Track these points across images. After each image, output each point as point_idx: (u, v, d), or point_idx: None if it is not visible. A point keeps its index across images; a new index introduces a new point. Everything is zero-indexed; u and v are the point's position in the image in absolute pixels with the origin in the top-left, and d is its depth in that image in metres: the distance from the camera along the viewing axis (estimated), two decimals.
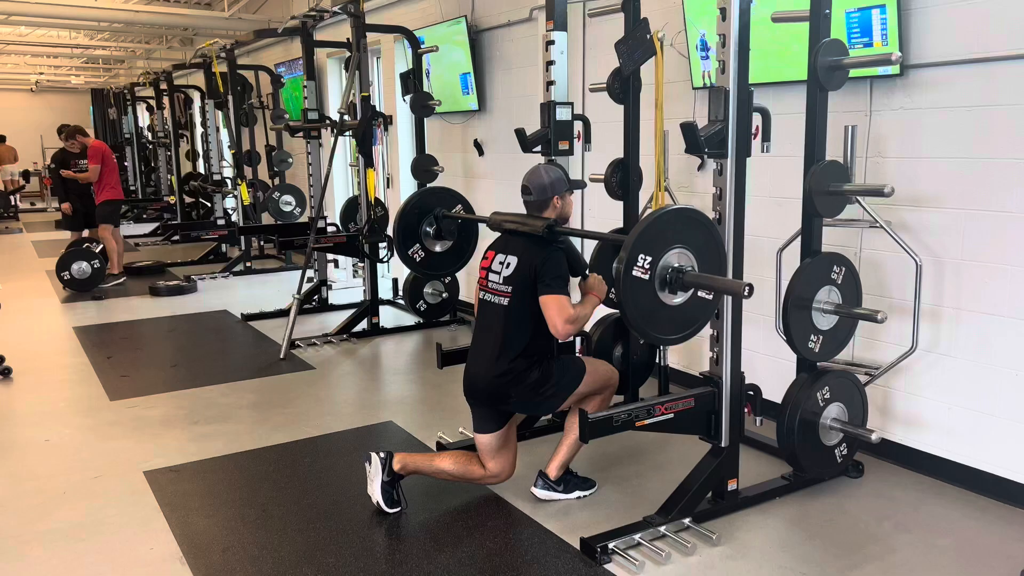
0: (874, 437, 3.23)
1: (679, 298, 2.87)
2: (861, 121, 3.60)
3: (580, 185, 3.48)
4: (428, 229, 4.14)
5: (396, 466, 3.21)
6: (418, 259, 4.35)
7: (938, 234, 3.41)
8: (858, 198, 3.31)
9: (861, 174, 3.62)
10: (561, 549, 2.95)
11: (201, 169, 12.34)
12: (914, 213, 3.48)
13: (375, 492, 3.20)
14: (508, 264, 3.17)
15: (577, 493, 3.36)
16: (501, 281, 3.17)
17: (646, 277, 2.76)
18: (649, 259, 2.75)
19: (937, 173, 3.40)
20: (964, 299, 3.35)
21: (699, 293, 2.91)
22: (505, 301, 3.15)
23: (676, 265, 2.82)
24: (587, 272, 3.34)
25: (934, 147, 3.40)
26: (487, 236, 3.57)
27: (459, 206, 4.74)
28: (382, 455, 3.21)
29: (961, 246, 3.34)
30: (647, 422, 2.96)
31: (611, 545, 2.89)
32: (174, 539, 3.06)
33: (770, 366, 3.99)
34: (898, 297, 3.56)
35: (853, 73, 3.32)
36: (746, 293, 2.69)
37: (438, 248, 4.21)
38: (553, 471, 3.34)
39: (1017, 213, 3.13)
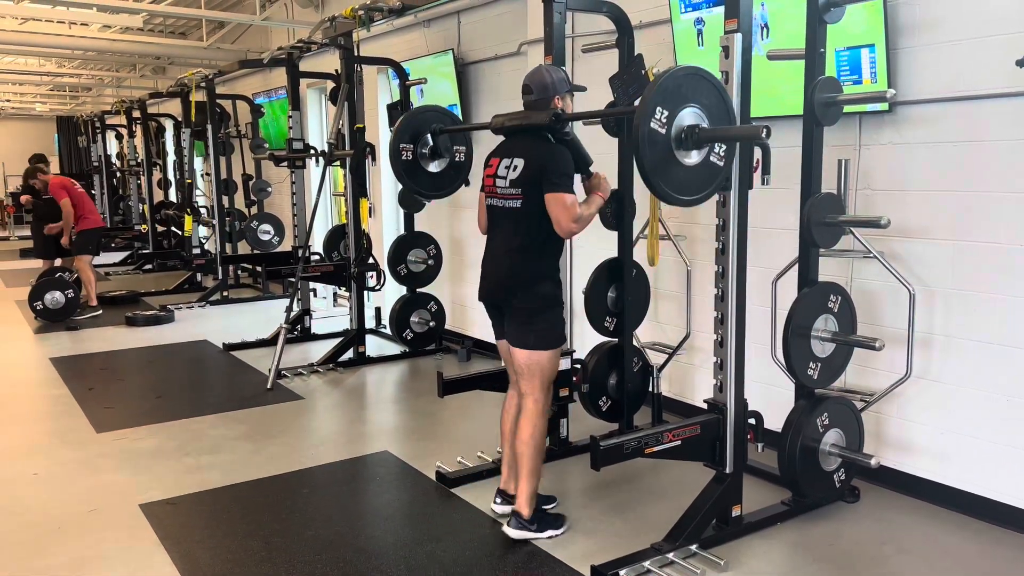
0: (874, 462, 3.31)
1: (693, 158, 2.79)
2: (851, 155, 3.72)
3: (580, 88, 3.45)
4: (424, 151, 4.00)
5: (512, 488, 3.30)
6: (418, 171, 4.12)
7: (928, 264, 3.53)
8: (852, 229, 3.42)
9: (852, 206, 3.74)
10: None
11: (173, 197, 12.24)
12: (904, 244, 3.60)
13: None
14: (515, 167, 3.12)
15: (549, 532, 3.25)
16: (508, 185, 3.13)
17: (663, 131, 2.69)
18: (666, 113, 2.69)
19: (926, 205, 3.52)
20: (954, 327, 3.46)
21: (711, 158, 2.83)
22: (517, 204, 3.11)
23: (691, 123, 2.75)
24: (591, 170, 3.30)
25: (922, 180, 3.53)
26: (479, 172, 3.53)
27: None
28: (496, 499, 3.40)
29: (951, 276, 3.46)
30: (656, 449, 3.01)
31: (621, 573, 2.91)
32: (178, 573, 3.02)
33: (763, 393, 4.06)
34: (889, 325, 3.66)
35: (844, 109, 3.44)
36: (764, 135, 2.65)
37: (433, 168, 4.08)
38: (524, 508, 3.21)
39: (1005, 244, 3.26)
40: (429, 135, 3.95)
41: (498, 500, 3.46)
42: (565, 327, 3.33)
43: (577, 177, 3.23)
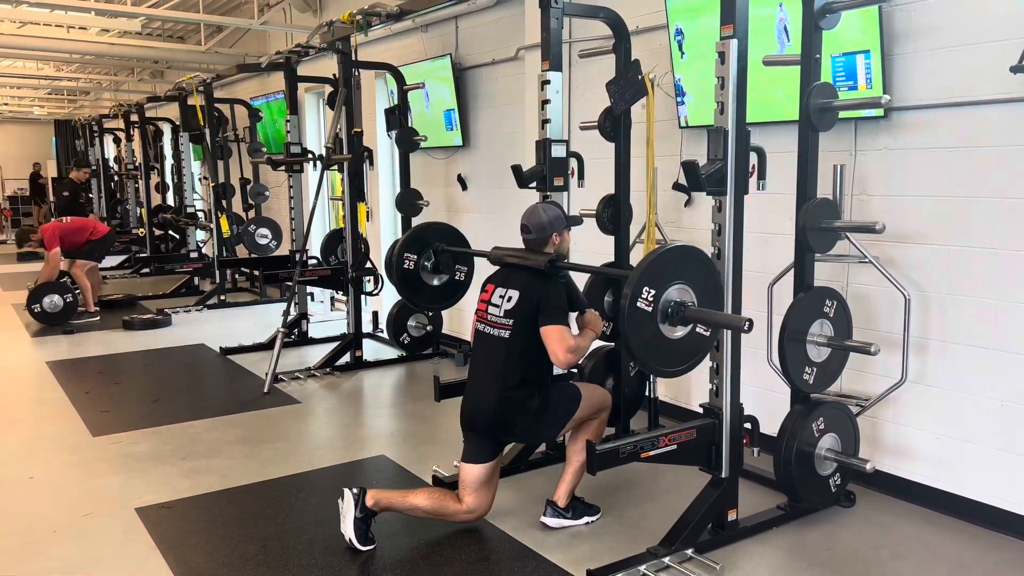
0: (869, 467, 3.32)
1: (679, 332, 2.95)
2: (847, 160, 3.73)
3: (577, 222, 3.57)
4: (426, 263, 4.16)
5: (369, 502, 3.17)
6: (416, 291, 4.27)
7: (923, 269, 3.54)
8: (847, 234, 3.43)
9: (847, 211, 3.75)
10: None
11: (171, 201, 12.23)
12: (899, 248, 3.61)
13: (347, 529, 3.15)
14: (509, 298, 3.23)
15: (586, 519, 3.43)
16: (502, 314, 3.23)
17: (649, 309, 2.83)
18: (653, 292, 2.84)
19: (921, 210, 3.54)
20: (950, 332, 3.47)
21: (697, 329, 2.98)
22: (506, 334, 3.21)
23: (678, 300, 2.90)
24: (585, 308, 3.41)
25: (918, 186, 3.54)
26: (482, 272, 3.61)
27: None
28: (355, 491, 3.17)
29: (946, 280, 3.47)
30: (651, 453, 3.01)
31: None
32: None
33: (759, 398, 4.07)
34: (884, 330, 3.67)
35: (840, 115, 3.46)
36: (747, 328, 2.79)
37: (435, 282, 4.24)
38: (562, 499, 3.40)
39: (1000, 249, 3.27)
40: (432, 251, 4.19)
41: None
42: (567, 391, 3.38)
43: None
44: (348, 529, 3.15)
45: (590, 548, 3.22)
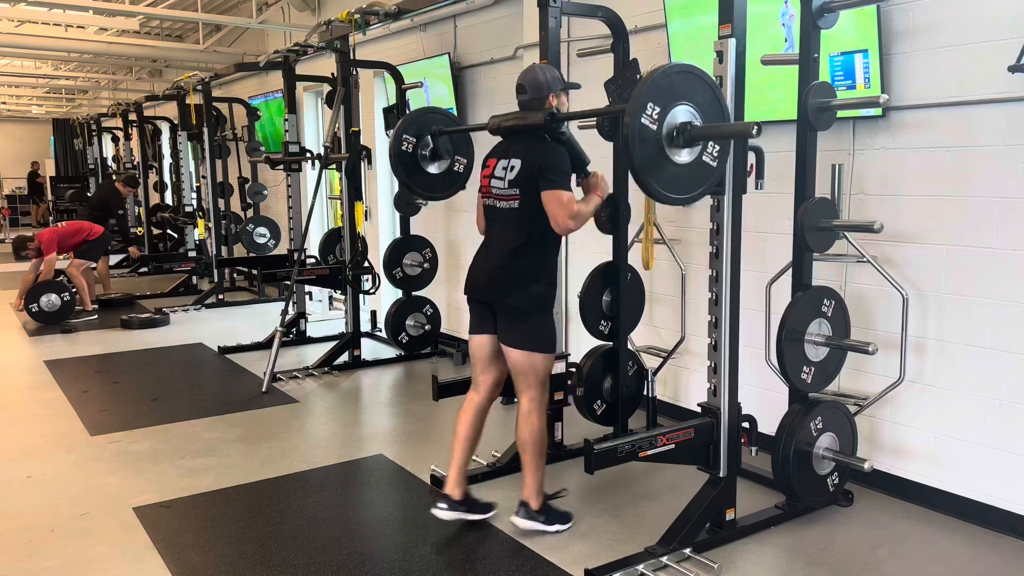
0: (867, 466, 3.32)
1: (684, 156, 2.74)
2: (845, 160, 3.74)
3: (574, 86, 3.46)
4: (424, 152, 4.00)
5: (458, 495, 3.30)
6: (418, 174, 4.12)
7: (921, 268, 3.54)
8: (845, 233, 3.43)
9: (846, 211, 3.75)
10: None
11: (169, 200, 12.23)
12: (897, 248, 3.61)
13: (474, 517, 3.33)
14: (512, 167, 3.14)
15: (557, 526, 3.33)
16: (506, 185, 3.14)
17: (654, 127, 2.64)
18: (658, 109, 2.65)
19: (919, 210, 3.54)
20: (947, 331, 3.48)
21: (703, 157, 2.78)
22: (515, 204, 3.12)
23: (684, 120, 2.71)
24: (588, 169, 3.31)
25: (916, 185, 3.54)
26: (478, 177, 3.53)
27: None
28: (442, 505, 3.30)
29: (944, 280, 3.47)
30: (649, 453, 3.01)
31: None
32: None
33: (757, 397, 4.07)
34: (882, 329, 3.67)
35: (838, 114, 3.46)
36: (755, 132, 2.60)
37: (433, 169, 4.08)
38: (533, 500, 3.30)
39: (998, 249, 3.27)
40: (430, 136, 3.95)
41: (443, 505, 3.33)
42: (556, 333, 3.32)
43: (575, 177, 3.24)
44: (475, 517, 3.32)
45: (588, 547, 3.22)
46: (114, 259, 12.58)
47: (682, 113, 2.70)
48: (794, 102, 3.35)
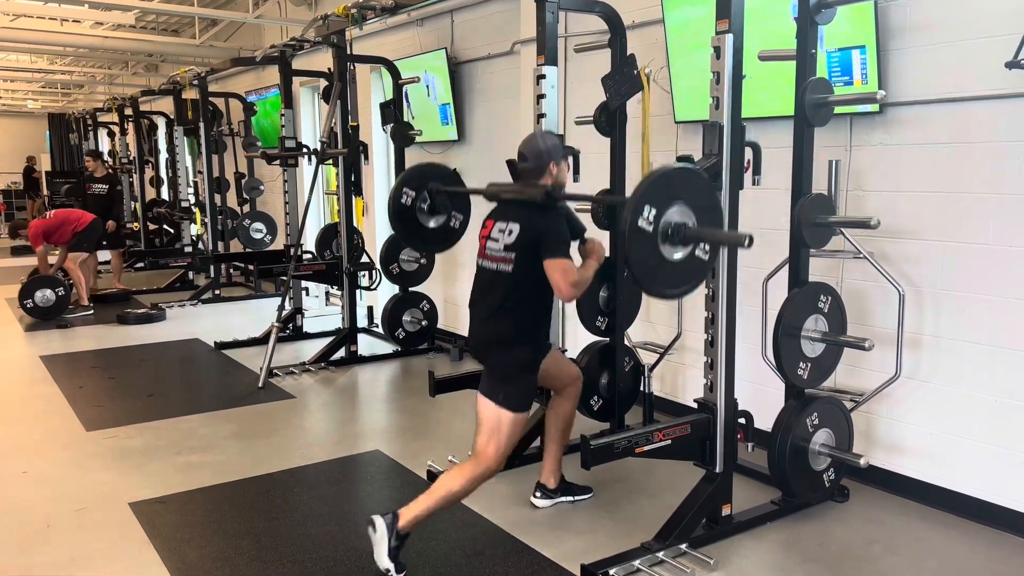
0: (863, 462, 3.32)
1: (679, 253, 2.80)
2: (842, 156, 3.74)
3: (575, 152, 3.48)
4: (423, 205, 4.04)
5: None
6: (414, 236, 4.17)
7: (917, 264, 3.55)
8: (842, 229, 3.43)
9: (842, 207, 3.75)
10: None
11: (165, 196, 12.20)
12: (894, 244, 3.61)
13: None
14: (510, 232, 3.13)
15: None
16: (502, 248, 3.14)
17: (650, 229, 2.71)
18: (654, 211, 2.70)
19: (916, 206, 3.54)
20: (943, 327, 3.48)
21: (696, 253, 2.84)
22: (508, 267, 3.11)
23: (678, 220, 2.76)
24: (586, 236, 3.32)
25: (913, 181, 3.55)
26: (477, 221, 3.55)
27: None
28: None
29: (940, 276, 3.47)
30: (646, 448, 3.02)
31: (611, 572, 2.93)
32: (167, 572, 3.01)
33: (753, 393, 4.07)
34: (879, 325, 3.67)
35: (835, 110, 3.45)
36: (747, 244, 2.65)
37: (430, 223, 4.12)
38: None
39: (994, 245, 3.27)
40: (427, 192, 4.04)
41: (538, 494, 3.61)
42: (533, 393, 3.26)
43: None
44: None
45: (584, 543, 3.23)
46: (110, 254, 12.58)
47: (677, 213, 2.77)
48: (779, 100, 3.33)
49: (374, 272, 6.30)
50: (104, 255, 9.48)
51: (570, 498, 3.61)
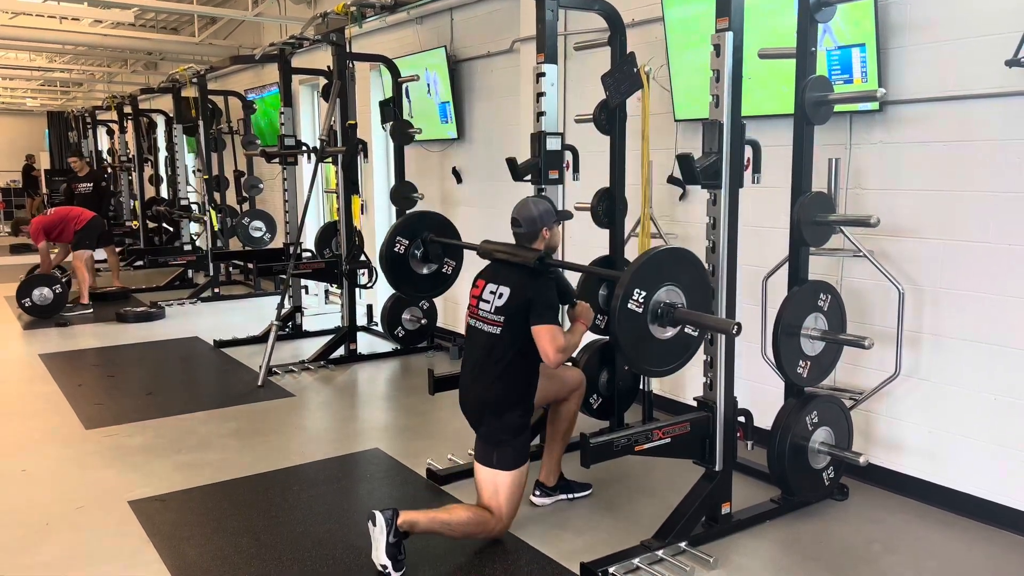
0: (862, 460, 3.32)
1: (668, 332, 2.94)
2: (842, 154, 3.73)
3: (567, 216, 3.55)
4: (416, 251, 4.14)
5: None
6: (405, 280, 4.29)
7: (917, 263, 3.54)
8: (842, 228, 3.43)
9: (842, 205, 3.75)
10: (561, 575, 2.97)
11: (164, 194, 12.19)
12: (893, 243, 3.61)
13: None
14: (500, 295, 3.19)
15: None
16: (492, 311, 3.20)
17: (639, 310, 2.84)
18: (643, 294, 2.84)
19: (916, 204, 3.54)
20: (943, 326, 3.48)
21: (685, 329, 2.98)
22: (497, 330, 3.17)
23: (667, 301, 2.90)
24: (575, 300, 3.41)
25: (913, 180, 3.54)
26: (471, 267, 3.61)
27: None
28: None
29: (940, 274, 3.47)
30: (646, 447, 3.01)
31: (611, 570, 2.92)
32: (167, 570, 3.01)
33: (753, 391, 4.08)
34: (878, 324, 3.67)
35: (835, 108, 3.45)
36: (735, 332, 2.80)
37: (423, 271, 4.24)
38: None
39: (995, 243, 3.27)
40: (421, 241, 4.16)
41: (537, 492, 3.61)
42: (528, 448, 3.25)
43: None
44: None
45: (584, 541, 3.23)
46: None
47: (666, 294, 2.89)
48: (775, 100, 3.33)
49: (371, 270, 6.29)
50: (99, 253, 9.47)
51: (569, 495, 3.61)
